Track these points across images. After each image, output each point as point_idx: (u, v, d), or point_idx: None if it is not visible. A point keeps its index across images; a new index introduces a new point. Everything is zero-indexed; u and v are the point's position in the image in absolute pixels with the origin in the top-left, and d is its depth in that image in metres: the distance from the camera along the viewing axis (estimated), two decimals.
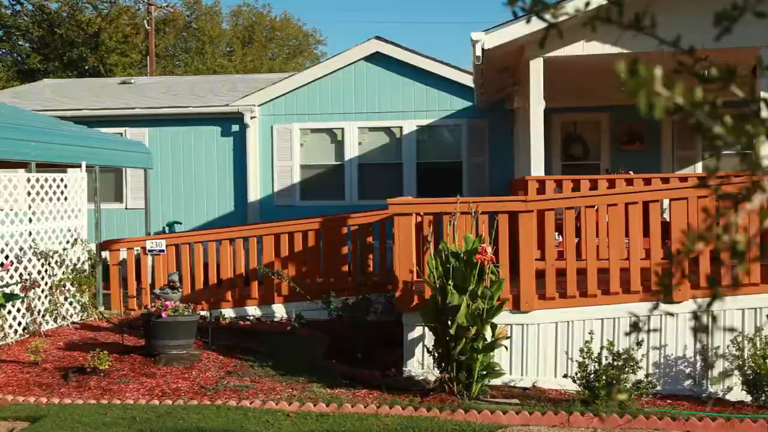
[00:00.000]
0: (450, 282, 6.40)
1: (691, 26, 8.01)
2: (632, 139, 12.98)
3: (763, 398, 6.48)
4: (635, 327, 1.43)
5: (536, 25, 8.11)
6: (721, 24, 1.09)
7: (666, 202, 7.52)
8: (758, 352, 6.54)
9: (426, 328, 6.99)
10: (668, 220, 7.53)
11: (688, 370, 6.97)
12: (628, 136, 13.03)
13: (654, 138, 13.08)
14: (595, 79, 10.47)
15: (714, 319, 1.18)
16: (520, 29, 7.85)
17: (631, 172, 8.86)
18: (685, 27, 7.97)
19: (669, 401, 6.68)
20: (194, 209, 14.09)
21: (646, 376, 6.57)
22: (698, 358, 6.93)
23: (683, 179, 8.06)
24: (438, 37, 64.65)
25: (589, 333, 6.78)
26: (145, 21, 31.89)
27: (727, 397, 6.90)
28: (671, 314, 6.61)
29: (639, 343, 6.66)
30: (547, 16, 1.32)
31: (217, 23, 40.99)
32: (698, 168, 13.05)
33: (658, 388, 6.79)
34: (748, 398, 6.61)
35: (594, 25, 1.22)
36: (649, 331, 5.84)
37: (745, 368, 6.58)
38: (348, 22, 64.05)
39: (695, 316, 1.22)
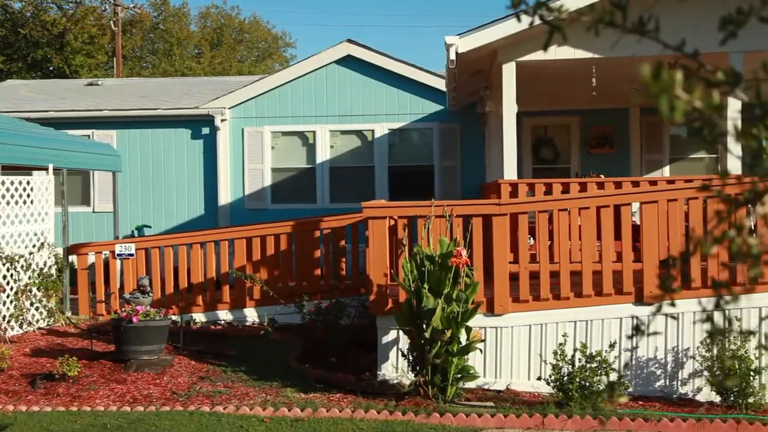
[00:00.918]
0: (425, 285, 6.40)
1: (664, 30, 8.15)
2: (601, 143, 13.14)
3: (732, 398, 6.59)
4: (637, 329, 1.43)
5: (510, 29, 8.17)
6: (725, 29, 1.09)
7: (635, 205, 7.61)
8: (727, 353, 6.64)
9: (400, 332, 6.98)
10: (638, 223, 7.62)
11: (659, 372, 7.05)
12: (597, 140, 13.18)
13: (623, 142, 13.25)
14: (566, 84, 10.59)
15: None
16: (493, 33, 7.90)
17: (602, 176, 8.96)
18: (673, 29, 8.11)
19: (641, 402, 6.75)
20: (164, 213, 13.93)
21: (619, 378, 6.63)
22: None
23: (653, 183, 8.16)
24: (408, 41, 64.87)
25: (563, 335, 6.83)
26: (111, 22, 31.48)
27: (697, 397, 7.00)
28: (674, 317, 6.68)
29: (612, 346, 6.72)
30: (545, 17, 1.31)
31: (185, 25, 40.59)
32: (666, 171, 13.25)
33: (630, 389, 6.86)
34: (718, 398, 6.72)
35: (597, 29, 1.21)
36: (648, 334, 5.90)
37: (715, 369, 6.68)
38: (318, 26, 63.93)
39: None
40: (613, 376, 6.59)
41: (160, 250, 10.03)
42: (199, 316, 9.65)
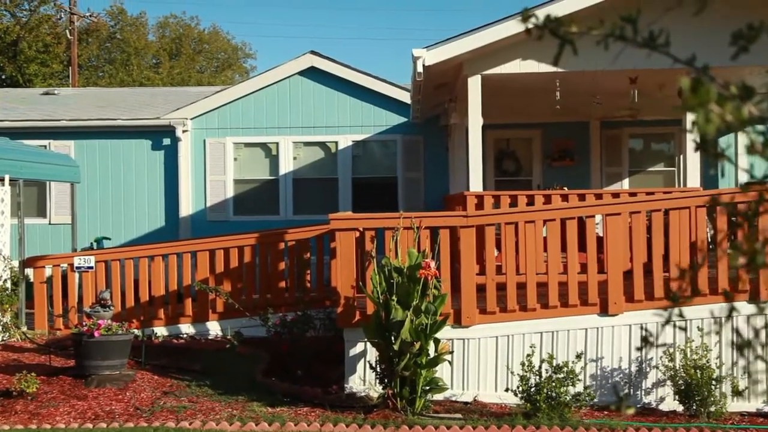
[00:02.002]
0: (393, 297, 6.39)
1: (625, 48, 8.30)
2: (563, 155, 13.32)
3: (694, 407, 6.69)
4: (645, 341, 1.43)
5: (476, 42, 8.24)
6: (737, 44, 1.11)
7: (598, 217, 7.72)
8: (689, 363, 6.75)
9: (368, 344, 6.95)
10: (601, 234, 7.73)
11: (623, 382, 7.13)
12: (559, 153, 13.36)
13: (583, 155, 13.46)
14: (529, 97, 10.72)
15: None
16: (461, 46, 7.97)
17: (566, 188, 9.07)
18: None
19: (606, 412, 6.82)
20: (123, 224, 13.67)
21: (585, 388, 6.69)
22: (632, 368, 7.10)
23: (615, 195, 8.30)
24: (370, 53, 65.03)
25: (531, 346, 6.87)
26: (66, 30, 30.93)
27: (660, 407, 7.10)
28: (683, 328, 6.77)
29: (579, 356, 6.79)
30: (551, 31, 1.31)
31: (142, 34, 40.08)
32: (625, 184, 13.48)
33: (596, 399, 6.92)
34: (681, 408, 6.82)
35: (607, 43, 1.22)
36: (657, 345, 5.94)
37: (677, 378, 6.79)
38: (278, 37, 63.74)
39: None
40: (580, 387, 6.65)
41: (120, 263, 9.83)
42: (160, 330, 9.47)
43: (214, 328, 9.44)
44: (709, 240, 8.22)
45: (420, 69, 7.83)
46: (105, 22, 38.76)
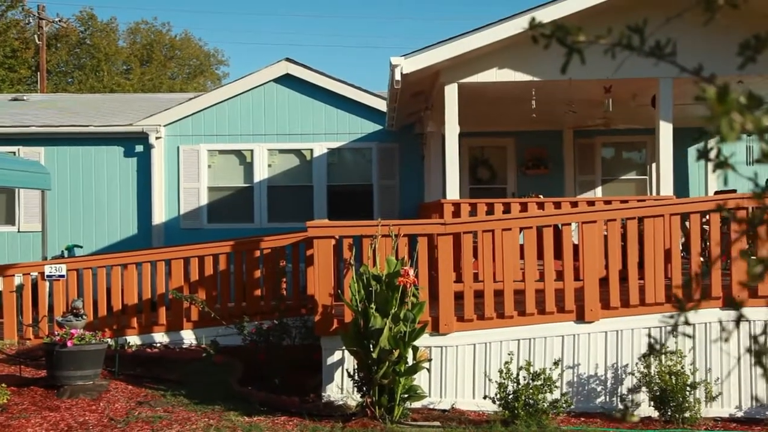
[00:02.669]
0: (372, 305, 6.37)
1: (600, 56, 8.41)
2: (536, 164, 13.43)
3: (669, 413, 6.76)
4: (651, 349, 1.43)
5: (454, 51, 8.28)
6: (744, 54, 1.12)
7: (573, 225, 7.78)
8: (664, 369, 6.82)
9: (346, 352, 6.92)
10: (576, 242, 7.79)
11: (599, 388, 7.19)
12: (532, 161, 13.47)
13: (557, 163, 13.58)
14: (503, 106, 10.80)
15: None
16: (438, 54, 8.00)
17: (541, 196, 9.14)
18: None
19: (582, 419, 6.87)
20: (95, 232, 13.48)
21: (563, 395, 6.73)
22: (608, 375, 7.16)
23: (591, 203, 8.37)
24: (345, 61, 65.03)
25: (509, 354, 6.90)
26: (35, 36, 30.51)
27: (636, 413, 7.16)
28: (688, 335, 6.82)
29: (556, 363, 6.82)
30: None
31: (113, 40, 39.69)
32: (598, 192, 13.63)
33: (573, 406, 6.96)
34: (656, 414, 6.88)
35: (614, 52, 1.23)
36: (664, 352, 5.94)
37: (653, 385, 6.85)
38: (252, 44, 63.50)
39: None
40: (557, 394, 6.68)
41: (92, 271, 9.69)
42: (133, 339, 9.34)
43: (188, 336, 9.34)
44: (681, 247, 8.31)
45: (398, 77, 7.84)
46: (74, 27, 38.34)
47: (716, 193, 11.53)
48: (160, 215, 13.38)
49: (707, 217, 7.43)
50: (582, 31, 1.23)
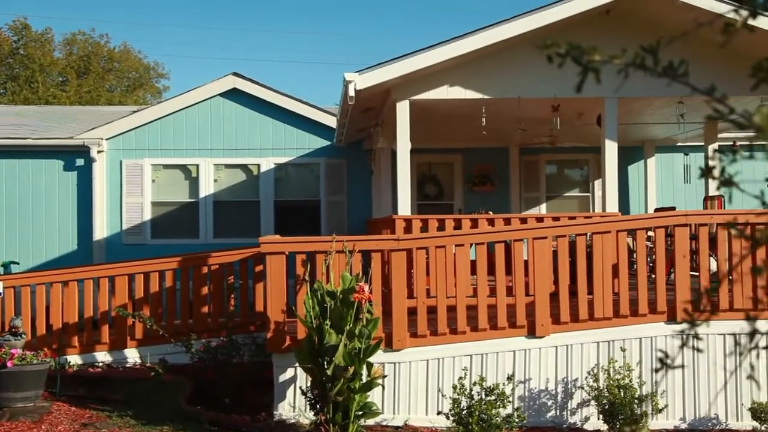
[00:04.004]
0: (327, 322, 6.32)
1: (548, 76, 8.59)
2: (483, 180, 13.60)
3: (618, 426, 6.88)
4: (662, 363, 1.45)
5: (407, 68, 8.32)
6: (756, 75, 1.15)
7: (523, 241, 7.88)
8: (613, 383, 6.95)
9: (298, 370, 6.84)
10: (525, 258, 7.89)
11: (550, 402, 7.28)
12: (479, 178, 13.64)
13: (503, 180, 13.78)
14: (453, 122, 10.91)
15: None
16: (391, 71, 8.04)
17: (491, 212, 9.24)
18: (544, 77, 8.49)
19: None
20: (32, 248, 13.03)
21: (516, 409, 6.78)
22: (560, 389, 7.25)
23: (540, 219, 8.50)
24: (291, 76, 64.77)
25: (463, 369, 6.93)
26: None
27: (585, 426, 7.27)
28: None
29: (509, 378, 6.88)
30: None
31: (48, 51, 38.60)
32: (543, 208, 13.88)
33: (525, 421, 7.02)
34: (605, 427, 7.00)
35: (627, 72, 1.25)
36: (672, 367, 6.05)
37: (602, 398, 6.97)
38: (194, 58, 62.68)
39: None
40: (510, 409, 6.73)
41: (31, 288, 9.35)
42: (75, 359, 9.04)
43: (132, 355, 9.09)
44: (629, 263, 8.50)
45: (352, 93, 7.84)
46: (7, 37, 37.21)
47: (656, 210, 11.87)
48: (101, 230, 13.03)
49: (652, 232, 7.63)
50: (597, 51, 1.24)
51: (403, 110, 8.56)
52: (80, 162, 13.15)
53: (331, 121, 12.94)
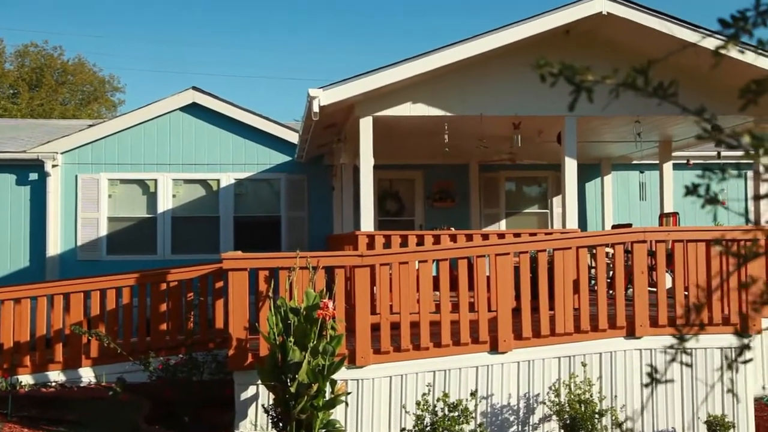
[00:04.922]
0: (291, 338, 6.26)
1: (510, 94, 8.72)
2: (444, 196, 13.69)
3: None
4: (651, 377, 1.46)
5: (370, 84, 8.35)
6: (745, 96, 1.18)
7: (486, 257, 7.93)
8: (574, 398, 7.02)
9: (261, 387, 6.75)
10: (488, 274, 7.94)
11: (512, 418, 7.30)
12: (440, 194, 13.72)
13: (464, 196, 13.89)
14: (416, 139, 10.97)
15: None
16: (355, 88, 8.05)
17: (453, 229, 9.29)
18: (507, 94, 8.60)
19: None
20: None
21: (479, 425, 6.79)
22: (521, 404, 7.29)
23: (501, 236, 8.57)
24: (253, 92, 64.41)
25: (427, 385, 6.91)
26: None
27: None
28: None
29: (473, 394, 6.89)
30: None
31: None
32: (502, 225, 14.01)
33: None
34: None
35: (618, 92, 1.26)
36: (661, 382, 6.09)
37: (563, 413, 7.02)
38: (150, 71, 61.92)
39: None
40: (473, 425, 6.74)
41: None
42: (26, 379, 8.78)
43: (87, 374, 8.86)
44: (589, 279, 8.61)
45: (316, 109, 7.82)
46: None
47: (613, 227, 12.08)
48: (55, 246, 12.73)
49: (611, 249, 7.75)
50: (590, 71, 1.26)
51: (366, 126, 8.57)
52: (34, 176, 12.86)
53: (292, 137, 12.90)
